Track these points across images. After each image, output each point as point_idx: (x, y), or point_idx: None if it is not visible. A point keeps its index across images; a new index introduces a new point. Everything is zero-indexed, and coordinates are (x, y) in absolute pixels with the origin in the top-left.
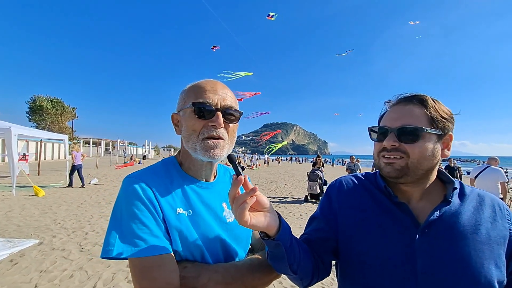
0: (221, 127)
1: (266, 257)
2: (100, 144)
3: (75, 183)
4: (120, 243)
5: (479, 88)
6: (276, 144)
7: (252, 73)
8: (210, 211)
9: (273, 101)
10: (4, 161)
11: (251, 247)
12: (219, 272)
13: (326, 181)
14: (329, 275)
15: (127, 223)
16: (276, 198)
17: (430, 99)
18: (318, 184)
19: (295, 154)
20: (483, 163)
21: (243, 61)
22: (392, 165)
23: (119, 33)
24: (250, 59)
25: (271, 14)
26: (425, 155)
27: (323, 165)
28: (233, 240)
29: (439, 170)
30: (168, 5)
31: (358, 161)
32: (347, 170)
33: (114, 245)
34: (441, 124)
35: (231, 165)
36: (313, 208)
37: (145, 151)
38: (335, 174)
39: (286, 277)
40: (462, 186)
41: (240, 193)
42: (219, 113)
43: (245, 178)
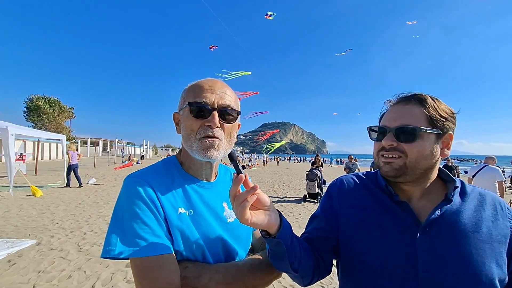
0: (216, 126)
1: (267, 256)
2: (98, 144)
3: (72, 183)
4: (121, 243)
5: (478, 88)
6: (274, 143)
7: (250, 72)
8: (211, 211)
9: (273, 101)
10: (1, 161)
11: (251, 247)
12: (220, 272)
13: (325, 181)
14: (330, 273)
15: (128, 223)
16: (274, 197)
17: (430, 98)
18: (316, 183)
19: (293, 153)
20: (480, 162)
21: (243, 61)
22: (391, 165)
23: (119, 33)
24: (249, 59)
25: (269, 13)
26: (423, 154)
27: (322, 165)
28: (233, 240)
29: (440, 169)
30: (168, 5)
31: (356, 160)
32: (345, 170)
33: (116, 245)
34: (440, 123)
35: (231, 163)
36: (311, 208)
37: (143, 150)
38: (333, 173)
39: (286, 276)
40: (463, 185)
41: (241, 191)
42: (215, 112)
43: (245, 177)
